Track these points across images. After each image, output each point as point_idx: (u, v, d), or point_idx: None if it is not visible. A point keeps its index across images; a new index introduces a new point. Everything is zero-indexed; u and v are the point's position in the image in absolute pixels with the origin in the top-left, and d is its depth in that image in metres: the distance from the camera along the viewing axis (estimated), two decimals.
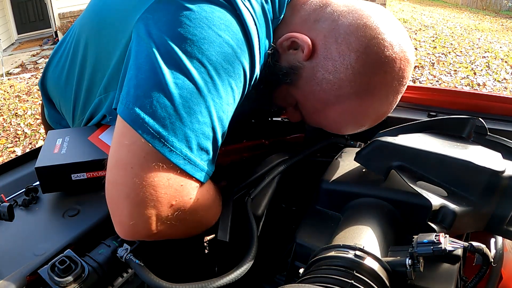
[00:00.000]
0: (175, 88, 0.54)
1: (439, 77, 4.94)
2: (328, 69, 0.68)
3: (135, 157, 0.54)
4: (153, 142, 0.53)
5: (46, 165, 0.67)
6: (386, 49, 0.66)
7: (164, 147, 0.53)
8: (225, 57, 0.58)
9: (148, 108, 0.54)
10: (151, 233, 0.56)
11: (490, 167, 0.57)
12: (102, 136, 0.76)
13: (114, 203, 0.56)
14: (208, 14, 0.58)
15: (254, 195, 0.72)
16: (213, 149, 0.59)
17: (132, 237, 0.57)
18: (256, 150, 0.90)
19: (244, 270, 0.59)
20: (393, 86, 0.69)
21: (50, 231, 0.62)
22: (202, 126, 0.56)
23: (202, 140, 0.57)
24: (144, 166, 0.53)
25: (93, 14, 0.78)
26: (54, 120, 0.98)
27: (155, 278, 0.55)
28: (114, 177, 0.55)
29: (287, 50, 0.71)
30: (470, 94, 0.89)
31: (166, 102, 0.54)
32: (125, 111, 0.55)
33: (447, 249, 0.49)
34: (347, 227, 0.58)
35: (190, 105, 0.55)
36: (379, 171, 0.64)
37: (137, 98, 0.55)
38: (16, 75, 5.79)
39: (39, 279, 0.52)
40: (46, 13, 7.88)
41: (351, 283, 0.47)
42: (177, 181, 0.55)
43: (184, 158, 0.55)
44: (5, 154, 3.47)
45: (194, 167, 0.57)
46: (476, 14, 10.20)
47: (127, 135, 0.55)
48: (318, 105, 0.72)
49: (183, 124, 0.55)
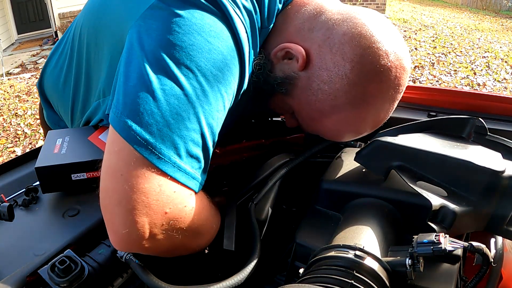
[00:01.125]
0: (162, 95, 0.54)
1: (439, 77, 4.94)
2: (323, 79, 0.67)
3: (125, 164, 0.53)
4: (141, 149, 0.53)
5: (46, 165, 0.67)
6: (381, 58, 0.65)
7: (152, 155, 0.53)
8: (214, 63, 0.57)
9: (135, 116, 0.53)
10: (146, 242, 0.54)
11: (490, 167, 0.57)
12: (102, 136, 0.76)
13: (107, 211, 0.55)
14: (198, 21, 0.58)
15: (257, 200, 0.71)
16: (204, 157, 0.58)
17: (127, 248, 0.55)
18: (256, 150, 0.90)
19: (245, 276, 0.58)
20: (389, 95, 0.68)
21: (50, 231, 0.62)
22: (191, 133, 0.55)
23: (191, 147, 0.56)
24: (133, 173, 0.53)
25: (90, 16, 0.77)
26: (53, 122, 0.98)
27: (154, 279, 0.55)
28: (106, 185, 0.55)
29: (281, 60, 0.71)
30: (470, 94, 0.89)
31: (153, 109, 0.53)
32: (115, 119, 0.55)
33: (447, 249, 0.49)
34: (347, 227, 0.58)
35: (178, 111, 0.54)
36: (379, 171, 0.64)
37: (125, 106, 0.55)
38: (16, 75, 5.79)
39: (39, 279, 0.52)
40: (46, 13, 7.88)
41: (351, 283, 0.47)
42: (169, 188, 0.54)
43: (173, 166, 0.54)
44: (5, 154, 3.47)
45: (184, 175, 0.56)
46: (476, 14, 10.21)
47: (116, 142, 0.54)
48: (314, 114, 0.72)
49: (170, 130, 0.54)
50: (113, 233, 0.55)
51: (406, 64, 0.68)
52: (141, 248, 0.55)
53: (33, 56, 6.73)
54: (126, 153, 0.53)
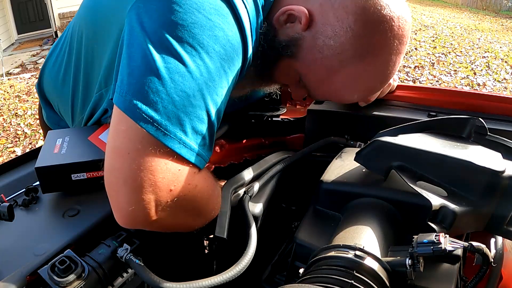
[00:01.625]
0: (167, 73, 0.55)
1: (439, 77, 4.94)
2: (328, 34, 0.68)
3: (131, 143, 0.54)
4: (147, 127, 0.54)
5: (46, 165, 0.67)
6: (383, 9, 0.66)
7: (158, 131, 0.54)
8: (216, 40, 0.58)
9: (140, 95, 0.54)
10: (151, 220, 0.55)
11: (490, 167, 0.57)
12: (102, 136, 0.76)
13: (112, 189, 0.56)
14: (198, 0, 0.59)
15: (252, 192, 0.72)
16: (209, 134, 0.59)
17: (131, 225, 0.57)
18: (256, 150, 0.90)
19: (243, 268, 0.59)
20: (394, 45, 0.69)
21: (50, 231, 0.62)
22: (196, 109, 0.57)
23: (196, 124, 0.57)
24: (140, 152, 0.54)
25: (86, 9, 0.79)
26: (53, 122, 0.99)
27: (155, 278, 0.55)
28: (112, 164, 0.56)
29: (284, 24, 0.72)
30: (470, 94, 0.88)
31: (158, 87, 0.55)
32: (120, 99, 0.56)
33: (447, 249, 0.49)
34: (347, 227, 0.58)
35: (183, 88, 0.55)
36: (379, 171, 0.64)
37: (129, 85, 0.56)
38: (16, 75, 5.79)
39: (39, 279, 0.52)
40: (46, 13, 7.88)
41: (351, 283, 0.47)
42: (174, 166, 0.56)
43: (179, 142, 0.55)
44: (5, 154, 3.47)
45: (189, 151, 0.57)
46: (476, 14, 10.20)
47: (123, 122, 0.55)
48: (322, 73, 0.72)
49: (176, 107, 0.55)
50: (118, 211, 0.56)
51: (407, 16, 0.70)
52: (145, 225, 0.57)
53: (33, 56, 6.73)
54: (133, 131, 0.54)
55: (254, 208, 0.70)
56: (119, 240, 0.60)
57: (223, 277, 0.56)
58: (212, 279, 0.55)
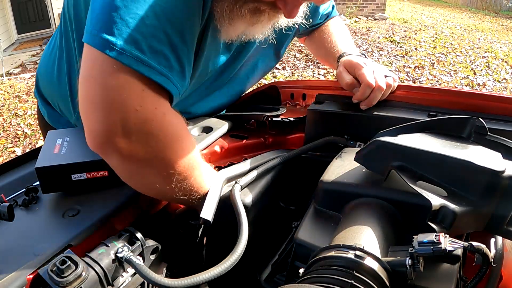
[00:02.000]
0: (121, 1, 0.57)
1: (439, 77, 4.94)
2: None
3: (94, 68, 0.58)
4: (103, 49, 0.56)
5: (46, 165, 0.67)
6: None
7: (114, 51, 0.56)
8: None
9: (98, 24, 0.58)
10: (120, 142, 0.57)
11: (490, 167, 0.57)
12: None
13: (84, 114, 0.59)
14: None
15: (244, 182, 0.72)
16: (174, 56, 0.61)
17: (101, 147, 0.59)
18: (256, 150, 0.90)
19: (238, 257, 0.58)
20: None
21: (50, 231, 0.62)
22: (151, 29, 0.58)
23: (154, 43, 0.59)
24: (103, 73, 0.57)
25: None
26: (53, 120, 0.99)
27: (155, 276, 0.55)
28: (81, 92, 0.59)
29: None
30: (470, 94, 0.88)
31: (113, 13, 0.57)
32: (85, 35, 0.59)
33: (447, 249, 0.49)
34: (347, 227, 0.58)
35: (135, 11, 0.58)
36: (379, 171, 0.64)
37: (91, 20, 0.59)
38: (16, 75, 5.79)
39: (39, 279, 0.52)
40: (46, 13, 7.88)
41: (351, 283, 0.47)
42: (137, 84, 0.58)
43: (136, 60, 0.57)
44: (5, 154, 3.47)
45: (149, 69, 0.58)
46: (476, 14, 10.20)
47: (87, 53, 0.59)
48: None
49: (129, 28, 0.57)
50: (89, 133, 0.59)
51: None
52: (115, 147, 0.58)
53: (33, 56, 6.73)
54: (94, 57, 0.58)
55: (245, 198, 0.70)
56: (119, 240, 0.60)
57: (221, 268, 0.55)
58: (211, 271, 0.55)
